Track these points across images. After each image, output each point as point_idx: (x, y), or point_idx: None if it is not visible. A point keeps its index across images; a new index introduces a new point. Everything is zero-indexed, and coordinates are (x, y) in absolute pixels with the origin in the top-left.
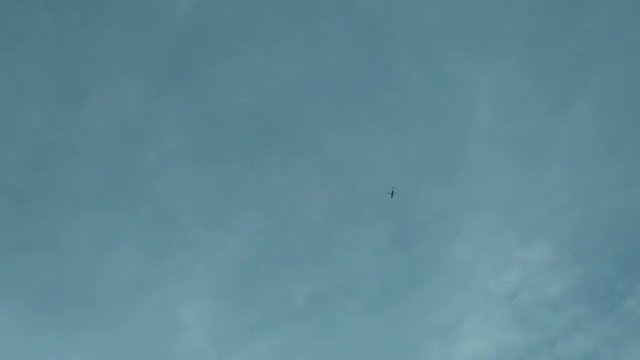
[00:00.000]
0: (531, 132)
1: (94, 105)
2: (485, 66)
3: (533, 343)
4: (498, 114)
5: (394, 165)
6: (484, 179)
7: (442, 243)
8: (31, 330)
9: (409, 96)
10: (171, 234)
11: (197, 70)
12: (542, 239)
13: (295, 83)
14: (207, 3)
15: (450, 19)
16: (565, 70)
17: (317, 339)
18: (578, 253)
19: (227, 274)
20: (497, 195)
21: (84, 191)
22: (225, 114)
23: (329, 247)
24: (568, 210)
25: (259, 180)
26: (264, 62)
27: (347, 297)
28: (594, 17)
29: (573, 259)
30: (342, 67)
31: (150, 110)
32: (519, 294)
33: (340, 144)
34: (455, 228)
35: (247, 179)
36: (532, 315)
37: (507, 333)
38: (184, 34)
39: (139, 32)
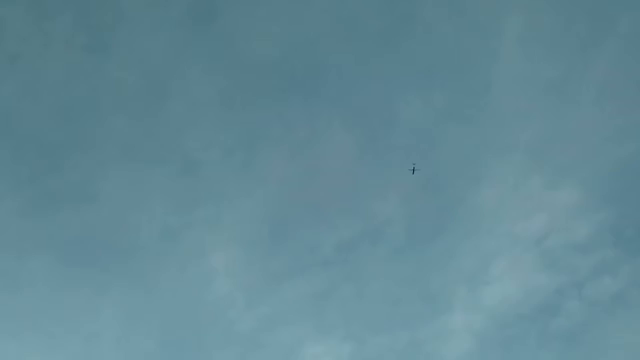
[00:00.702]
0: (559, 73)
1: (119, 57)
2: (511, 6)
3: (561, 286)
4: (525, 55)
5: (419, 110)
6: (510, 121)
7: (469, 188)
8: (64, 283)
9: (434, 39)
10: (199, 184)
11: (222, 19)
12: (570, 181)
13: (320, 30)
14: None
15: None
16: (595, 9)
17: (344, 285)
18: (606, 196)
19: (255, 222)
20: (524, 138)
21: (112, 143)
22: (251, 63)
23: (355, 194)
24: (596, 153)
25: (285, 128)
26: (289, 10)
27: (374, 243)
28: None
29: (601, 201)
30: (365, 13)
31: (175, 60)
32: (547, 238)
33: (365, 91)
34: (481, 172)
35: (273, 128)
36: (560, 258)
37: (535, 276)
38: None
39: None
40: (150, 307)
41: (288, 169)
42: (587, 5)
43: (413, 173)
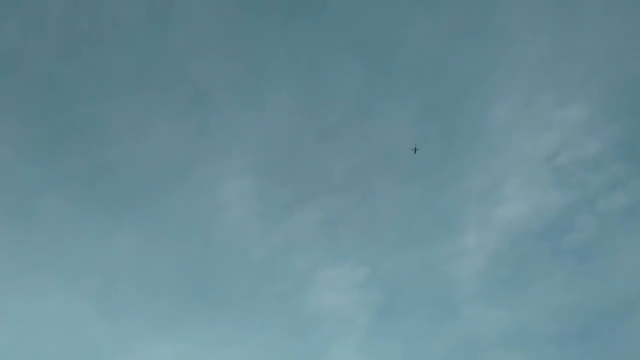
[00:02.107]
0: None
1: None
2: None
3: (573, 202)
4: None
5: (426, 33)
6: (518, 40)
7: (478, 109)
8: (78, 220)
9: None
10: (207, 115)
11: None
12: (579, 98)
13: None
14: None
15: None
16: None
17: (357, 209)
18: (617, 111)
19: (264, 151)
20: (532, 56)
21: (118, 76)
22: None
23: (364, 119)
24: (606, 68)
25: (291, 56)
26: None
27: (385, 167)
28: None
29: (612, 117)
30: None
31: None
32: (558, 155)
33: (370, 13)
34: (490, 93)
35: (280, 56)
36: (571, 175)
37: (547, 194)
38: None
39: None
40: (164, 239)
41: (296, 96)
42: None
43: (415, 152)
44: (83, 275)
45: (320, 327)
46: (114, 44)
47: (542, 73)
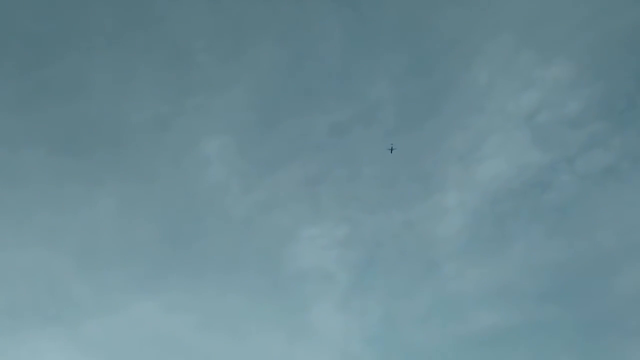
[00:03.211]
0: None
1: None
2: None
3: (553, 160)
4: None
5: None
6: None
7: (460, 67)
8: (60, 175)
9: None
10: (188, 72)
11: None
12: (561, 56)
13: None
14: None
15: None
16: None
17: (338, 168)
18: (598, 69)
19: (246, 108)
20: (514, 15)
21: (99, 33)
22: None
23: (346, 77)
24: (587, 27)
25: (274, 13)
26: None
27: (367, 126)
28: None
29: (593, 75)
30: None
31: None
32: (538, 113)
33: None
34: (472, 51)
35: (261, 13)
36: (551, 133)
37: (527, 152)
38: None
39: None
40: (146, 195)
41: (278, 54)
42: None
43: (391, 152)
44: (64, 230)
45: (302, 285)
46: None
47: (524, 31)
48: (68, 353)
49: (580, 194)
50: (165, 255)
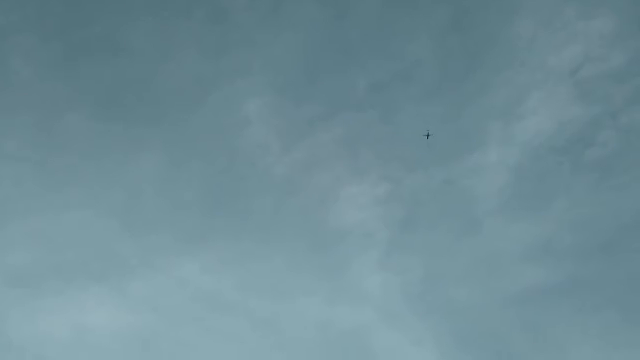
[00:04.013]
0: None
1: None
2: None
3: (595, 116)
4: None
5: None
6: None
7: (501, 22)
8: (101, 137)
9: None
10: (227, 32)
11: None
12: (604, 9)
13: None
14: None
15: None
16: None
17: (378, 126)
18: None
19: (285, 68)
20: None
21: None
22: None
23: (385, 35)
24: None
25: None
26: None
27: (407, 84)
28: None
29: (637, 28)
30: None
31: None
32: (581, 68)
33: None
34: (514, 5)
35: None
36: (594, 88)
37: (569, 108)
38: None
39: None
40: (188, 156)
41: (317, 12)
42: None
43: (427, 138)
44: (107, 192)
45: (342, 243)
46: None
47: None
48: (114, 312)
49: (624, 149)
50: (208, 215)
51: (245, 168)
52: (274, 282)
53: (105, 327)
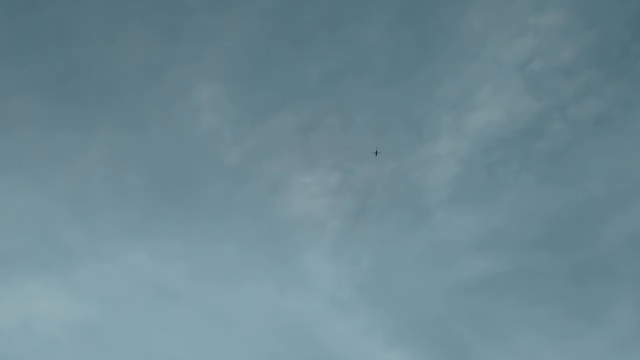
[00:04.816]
0: None
1: None
2: None
3: (545, 109)
4: None
5: None
6: None
7: (453, 14)
8: (50, 122)
9: None
10: (180, 18)
11: None
12: (555, 4)
13: None
14: None
15: None
16: None
17: (330, 116)
18: (592, 17)
19: (238, 55)
20: None
21: None
22: None
23: (339, 24)
24: None
25: None
26: None
27: (360, 73)
28: None
29: (587, 23)
30: None
31: None
32: (532, 62)
33: None
34: None
35: None
36: (544, 81)
37: (519, 100)
38: None
39: None
40: (138, 142)
41: (269, 0)
42: None
43: (376, 155)
44: (56, 178)
45: (293, 232)
46: None
47: None
48: (60, 299)
49: (572, 142)
50: (157, 203)
51: (196, 155)
52: (224, 270)
53: (51, 315)
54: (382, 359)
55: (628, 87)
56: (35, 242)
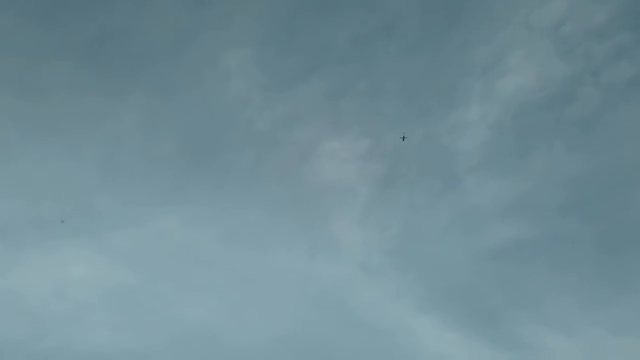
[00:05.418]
0: None
1: None
2: None
3: (577, 73)
4: None
5: None
6: None
7: None
8: (82, 88)
9: None
10: None
11: None
12: None
13: None
14: None
15: None
16: None
17: (360, 81)
18: None
19: (267, 21)
20: None
21: None
22: None
23: None
24: None
25: None
26: None
27: (388, 38)
28: None
29: None
30: None
31: None
32: (563, 25)
33: None
34: None
35: None
36: (576, 45)
37: (551, 65)
38: None
39: None
40: (168, 109)
41: None
42: None
43: (403, 140)
44: (87, 144)
45: (323, 198)
46: None
47: None
48: (93, 264)
49: (604, 107)
50: (187, 168)
51: (226, 121)
52: (254, 235)
53: (84, 280)
54: (412, 324)
55: None
56: (67, 206)
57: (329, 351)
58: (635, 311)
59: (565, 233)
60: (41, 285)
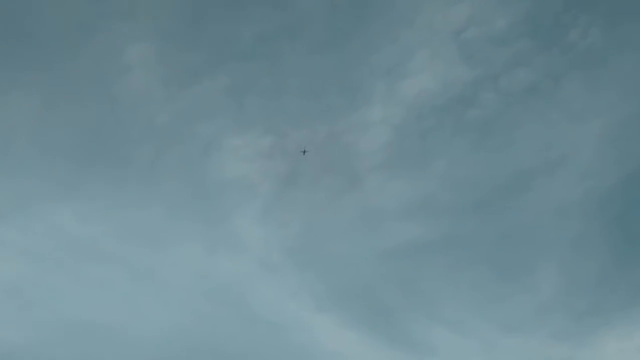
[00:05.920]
0: None
1: None
2: None
3: (477, 77)
4: None
5: None
6: None
7: None
8: None
9: None
10: None
11: None
12: None
13: None
14: None
15: None
16: None
17: (265, 78)
18: None
19: (171, 14)
20: None
21: None
22: None
23: None
24: None
25: None
26: None
27: (294, 37)
28: None
29: None
30: None
31: None
32: (466, 30)
33: None
34: None
35: None
36: (478, 50)
37: (453, 68)
38: None
39: None
40: (66, 100)
41: None
42: None
43: (304, 154)
44: None
45: (224, 195)
46: None
47: None
48: None
49: (503, 111)
50: (85, 162)
51: (126, 115)
52: (153, 231)
53: None
54: (309, 322)
55: (559, 58)
56: None
57: (225, 346)
58: (526, 309)
59: (464, 233)
60: None
